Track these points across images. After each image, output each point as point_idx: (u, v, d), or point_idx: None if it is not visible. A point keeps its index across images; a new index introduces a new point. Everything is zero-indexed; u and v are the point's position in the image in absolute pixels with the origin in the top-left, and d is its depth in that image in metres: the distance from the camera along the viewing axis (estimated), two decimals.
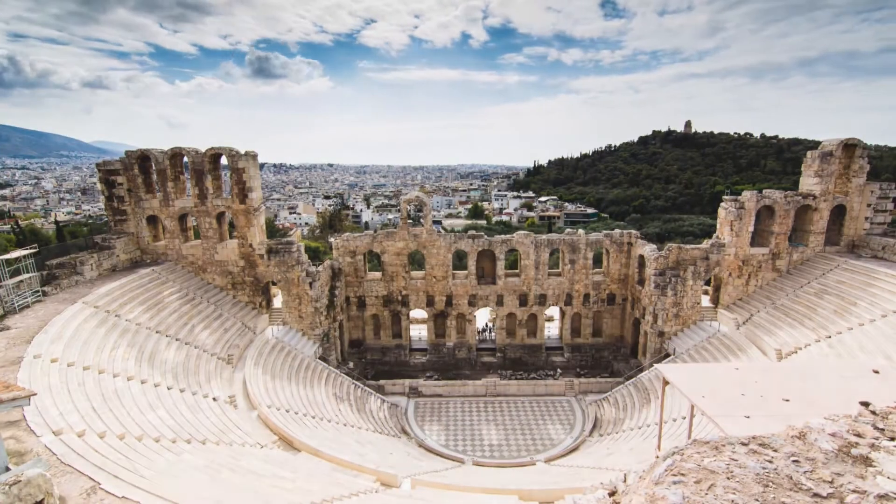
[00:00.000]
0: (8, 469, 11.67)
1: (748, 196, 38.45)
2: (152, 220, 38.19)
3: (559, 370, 43.34)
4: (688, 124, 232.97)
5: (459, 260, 48.79)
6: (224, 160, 37.36)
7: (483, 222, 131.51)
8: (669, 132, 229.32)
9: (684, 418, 26.18)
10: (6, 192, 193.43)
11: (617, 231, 44.94)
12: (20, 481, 8.76)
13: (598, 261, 46.91)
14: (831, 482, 3.58)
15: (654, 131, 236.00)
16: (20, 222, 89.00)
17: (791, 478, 3.62)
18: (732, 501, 3.34)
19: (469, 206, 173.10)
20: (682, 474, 3.70)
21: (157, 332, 28.15)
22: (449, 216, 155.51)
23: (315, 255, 56.85)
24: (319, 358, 37.80)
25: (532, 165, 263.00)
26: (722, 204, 40.06)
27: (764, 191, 39.50)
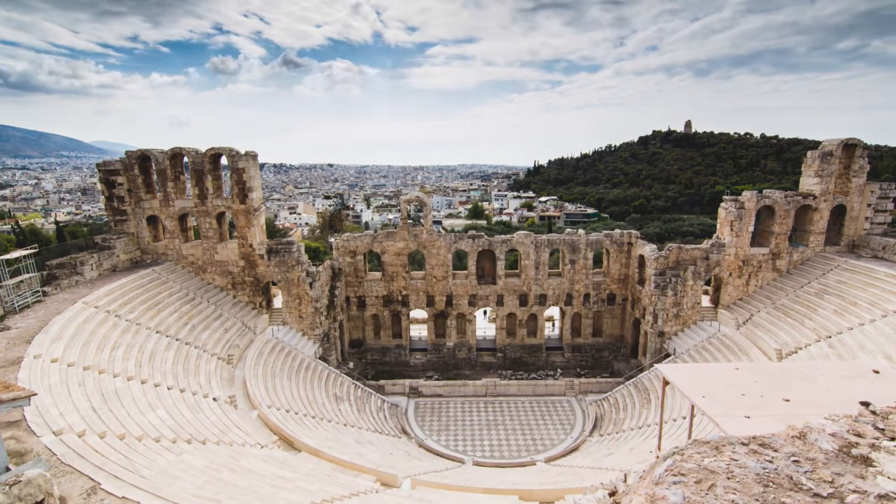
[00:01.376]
0: (8, 469, 11.68)
1: (748, 196, 38.45)
2: (152, 221, 38.18)
3: (559, 370, 43.33)
4: (688, 124, 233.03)
5: (459, 260, 48.81)
6: (224, 160, 37.37)
7: (483, 222, 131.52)
8: (669, 132, 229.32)
9: (684, 418, 26.18)
10: (6, 192, 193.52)
11: (617, 231, 44.93)
12: (20, 481, 8.76)
13: (598, 261, 46.92)
14: (831, 482, 3.58)
15: (654, 131, 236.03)
16: (20, 222, 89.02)
17: (791, 478, 3.62)
18: (733, 501, 3.34)
19: (469, 206, 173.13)
20: (683, 474, 3.70)
21: (157, 333, 28.15)
22: (449, 216, 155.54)
23: (315, 256, 56.86)
24: (319, 358, 37.81)
25: (532, 165, 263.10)
26: (722, 204, 40.06)
27: (764, 191, 39.50)
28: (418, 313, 47.58)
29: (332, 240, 46.07)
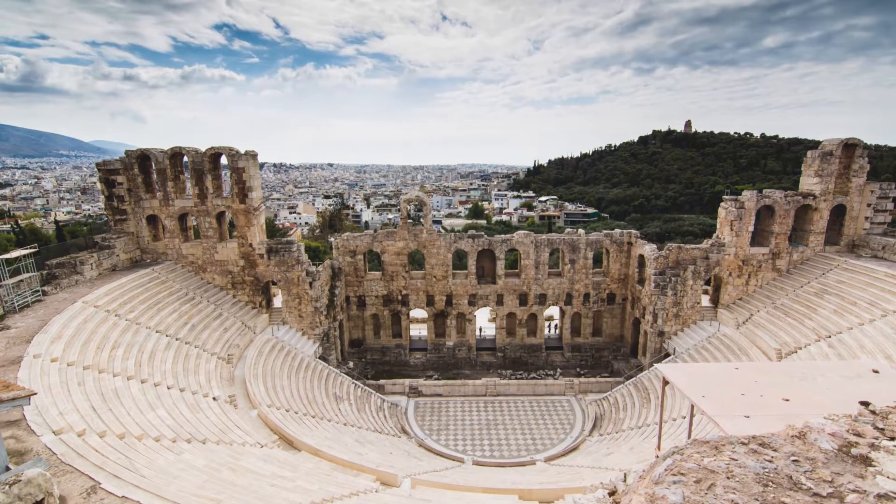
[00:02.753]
0: (8, 468, 11.68)
1: (748, 196, 38.45)
2: (152, 220, 38.17)
3: (559, 370, 43.34)
4: (688, 124, 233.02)
5: (459, 260, 48.81)
6: (224, 160, 37.36)
7: (483, 222, 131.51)
8: (669, 132, 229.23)
9: (684, 418, 26.20)
10: (6, 191, 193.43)
11: (617, 231, 44.93)
12: (20, 481, 8.76)
13: (598, 260, 46.92)
14: (831, 482, 3.58)
15: (654, 131, 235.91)
16: (20, 222, 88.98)
17: (791, 477, 3.62)
18: (732, 501, 3.34)
19: (469, 205, 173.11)
20: (682, 474, 3.70)
21: (157, 332, 28.15)
22: (449, 216, 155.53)
23: (315, 255, 56.86)
24: (319, 357, 37.82)
25: (532, 165, 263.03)
26: (722, 204, 40.06)
27: (764, 190, 39.50)
28: (418, 313, 47.57)
29: (331, 239, 46.06)
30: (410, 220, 43.81)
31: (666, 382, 12.03)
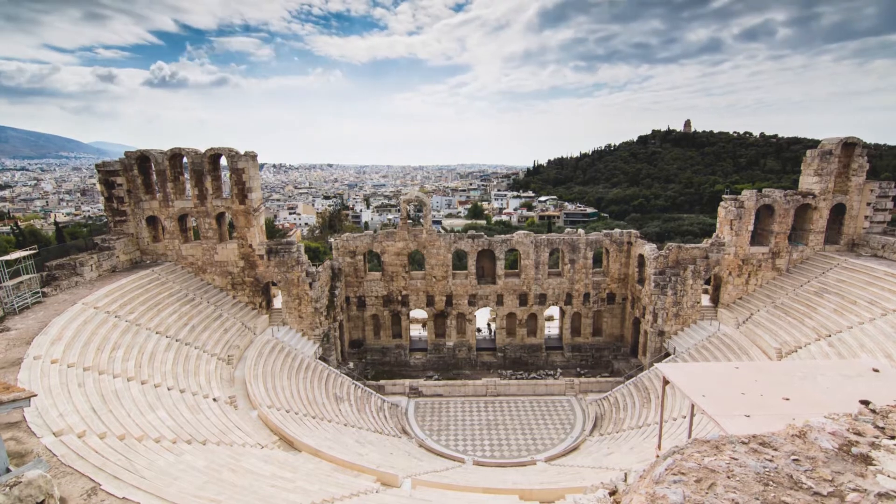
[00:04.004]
0: (8, 470, 11.67)
1: (748, 195, 38.46)
2: (152, 221, 38.17)
3: (559, 370, 43.34)
4: (687, 123, 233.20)
5: (459, 260, 48.81)
6: (223, 161, 37.36)
7: (483, 222, 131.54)
8: (669, 131, 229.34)
9: (684, 417, 26.19)
10: (6, 193, 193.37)
11: (617, 230, 44.95)
12: (21, 482, 8.76)
13: (597, 260, 46.92)
14: (831, 481, 3.58)
15: (653, 130, 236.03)
16: (20, 223, 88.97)
17: (791, 477, 3.62)
18: (733, 500, 3.34)
19: (469, 205, 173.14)
20: (683, 473, 3.70)
21: (156, 333, 28.14)
22: (449, 216, 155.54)
23: (315, 256, 56.85)
24: (319, 358, 37.81)
25: (532, 165, 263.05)
26: (721, 203, 40.07)
27: (763, 190, 39.51)
28: (418, 313, 47.56)
29: (331, 240, 46.06)
30: (410, 221, 43.82)
31: (666, 382, 12.03)
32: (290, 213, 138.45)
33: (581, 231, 45.30)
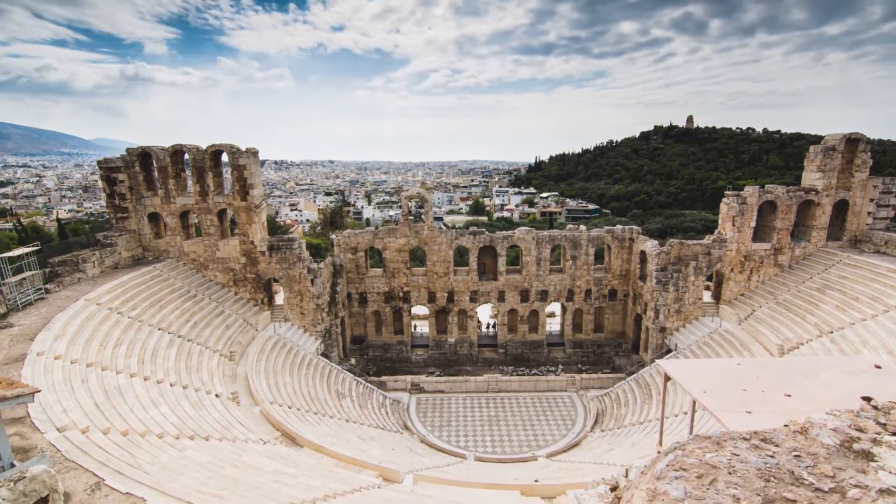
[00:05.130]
0: (13, 465, 11.75)
1: (750, 191, 38.33)
2: (154, 218, 38.22)
3: (560, 366, 43.39)
4: (689, 119, 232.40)
5: (461, 256, 48.80)
6: (225, 157, 37.35)
7: (484, 218, 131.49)
8: (671, 127, 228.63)
9: (686, 413, 26.23)
10: (8, 189, 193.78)
11: (618, 227, 44.86)
12: (25, 477, 8.81)
13: (599, 257, 46.86)
14: (833, 477, 3.58)
15: (655, 126, 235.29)
16: (22, 220, 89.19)
17: (793, 473, 3.63)
18: (734, 496, 3.34)
19: (470, 202, 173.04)
20: (684, 469, 3.70)
21: (159, 329, 28.23)
22: (450, 212, 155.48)
23: (316, 252, 56.86)
24: (321, 354, 37.91)
25: (533, 161, 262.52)
26: (724, 199, 39.94)
27: (766, 186, 39.37)
28: (420, 309, 47.60)
29: (333, 236, 46.09)
30: (412, 217, 43.80)
31: (667, 378, 12.04)
32: (292, 210, 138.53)
33: (583, 227, 45.23)
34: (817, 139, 40.89)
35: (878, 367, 10.88)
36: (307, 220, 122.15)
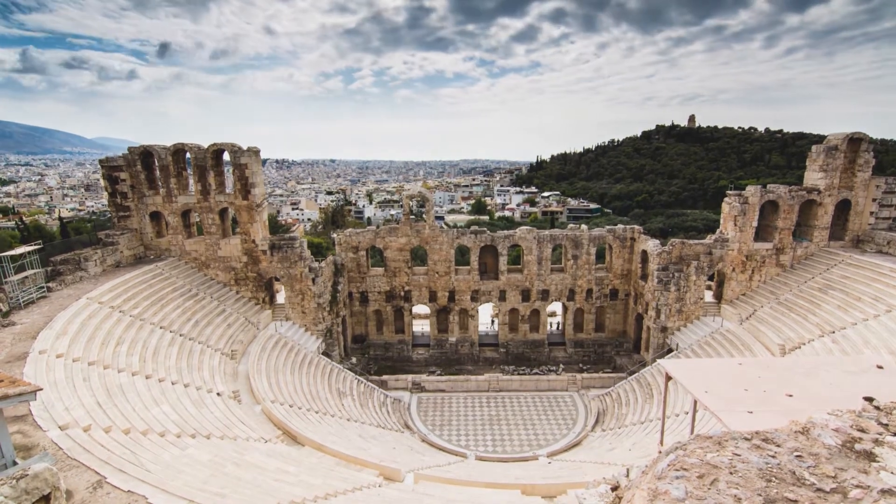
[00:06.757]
0: (15, 463, 11.80)
1: (752, 191, 38.25)
2: (155, 217, 38.28)
3: (561, 365, 43.39)
4: (691, 118, 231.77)
5: (462, 255, 48.81)
6: (226, 156, 37.39)
7: (486, 217, 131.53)
8: (673, 126, 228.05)
9: (687, 413, 26.20)
10: (10, 188, 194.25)
11: (620, 226, 44.82)
12: (27, 475, 8.84)
13: (600, 256, 46.84)
14: (834, 477, 3.58)
15: (657, 126, 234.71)
16: (24, 219, 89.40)
17: (794, 473, 3.62)
18: (735, 496, 3.34)
19: (472, 201, 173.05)
20: (685, 469, 3.70)
21: (160, 328, 28.29)
22: (451, 211, 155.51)
23: (318, 251, 56.90)
24: (322, 353, 37.95)
25: (535, 161, 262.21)
26: (726, 199, 39.86)
27: (768, 185, 39.28)
28: (421, 309, 47.61)
29: (334, 235, 46.13)
30: (413, 216, 43.81)
31: (669, 378, 12.03)
32: (293, 209, 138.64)
33: (584, 227, 45.18)
34: (819, 139, 40.79)
35: (880, 367, 10.86)
36: (308, 219, 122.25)
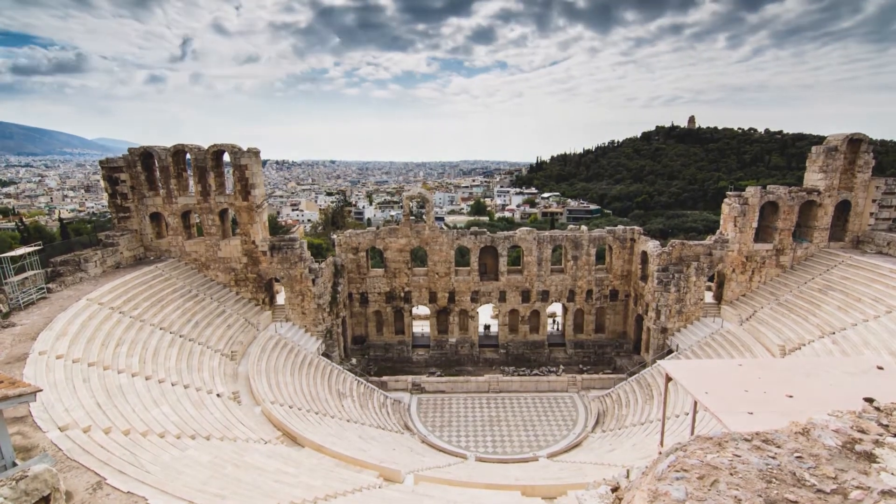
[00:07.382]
0: (14, 464, 11.79)
1: (752, 192, 38.27)
2: (155, 218, 38.28)
3: (562, 366, 43.36)
4: (691, 119, 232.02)
5: (462, 256, 48.82)
6: (227, 157, 37.40)
7: (486, 218, 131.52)
8: (673, 127, 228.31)
9: (687, 414, 26.19)
10: (10, 189, 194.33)
11: (620, 227, 44.83)
12: (27, 476, 8.83)
13: (600, 257, 46.84)
14: (835, 478, 3.57)
15: (657, 127, 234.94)
16: (24, 220, 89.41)
17: (794, 474, 3.62)
18: (735, 497, 3.34)
19: (471, 202, 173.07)
20: (685, 470, 3.70)
21: (160, 329, 28.28)
22: (451, 212, 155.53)
23: (318, 252, 56.90)
24: (322, 354, 37.93)
25: (535, 161, 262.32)
26: (725, 200, 39.88)
27: (768, 186, 39.29)
28: (421, 310, 47.59)
29: (334, 236, 46.13)
30: (413, 217, 43.81)
31: (669, 379, 12.03)
32: (293, 210, 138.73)
33: (584, 228, 45.20)
34: (819, 139, 40.80)
35: (881, 368, 10.86)
36: (308, 220, 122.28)
